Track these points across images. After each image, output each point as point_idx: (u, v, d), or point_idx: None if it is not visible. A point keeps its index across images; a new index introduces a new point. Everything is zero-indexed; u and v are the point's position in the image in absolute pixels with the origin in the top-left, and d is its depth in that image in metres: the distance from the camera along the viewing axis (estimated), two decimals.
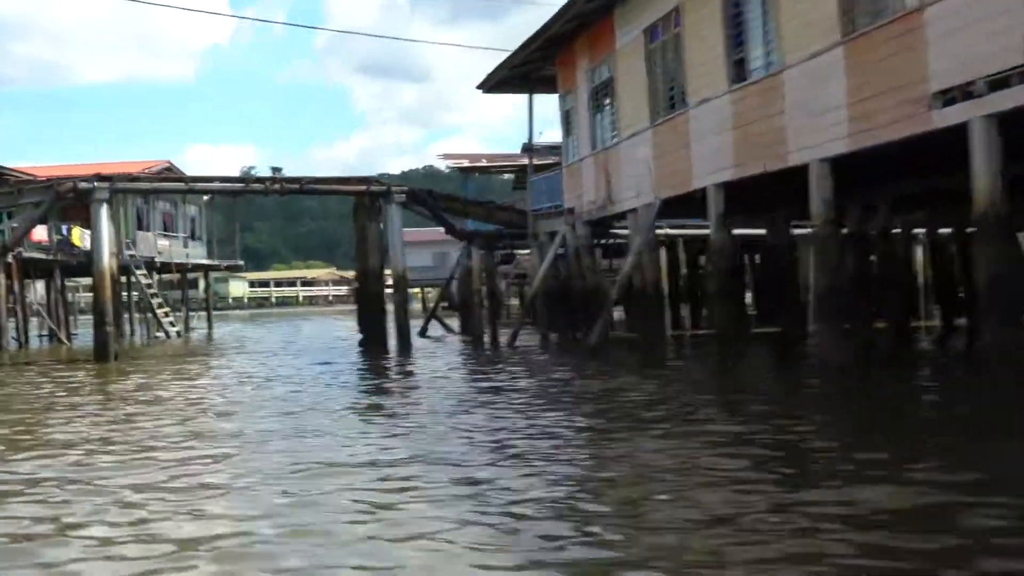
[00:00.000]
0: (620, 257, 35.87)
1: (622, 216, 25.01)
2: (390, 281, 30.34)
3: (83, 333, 47.70)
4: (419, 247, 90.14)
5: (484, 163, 38.96)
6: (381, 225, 30.00)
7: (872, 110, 14.50)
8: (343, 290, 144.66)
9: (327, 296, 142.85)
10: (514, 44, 27.11)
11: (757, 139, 17.53)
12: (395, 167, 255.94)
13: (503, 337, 30.95)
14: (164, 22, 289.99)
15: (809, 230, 33.74)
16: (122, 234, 43.55)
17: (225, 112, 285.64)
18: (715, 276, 19.61)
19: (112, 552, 6.86)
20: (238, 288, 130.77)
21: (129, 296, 48.88)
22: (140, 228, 46.39)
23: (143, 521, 7.67)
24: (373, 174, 30.86)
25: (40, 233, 38.10)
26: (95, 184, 26.73)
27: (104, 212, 26.96)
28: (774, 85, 16.99)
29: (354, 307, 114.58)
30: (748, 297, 33.93)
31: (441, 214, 30.13)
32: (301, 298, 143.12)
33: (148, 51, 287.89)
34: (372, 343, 29.73)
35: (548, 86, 30.94)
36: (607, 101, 24.84)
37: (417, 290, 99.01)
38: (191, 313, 52.83)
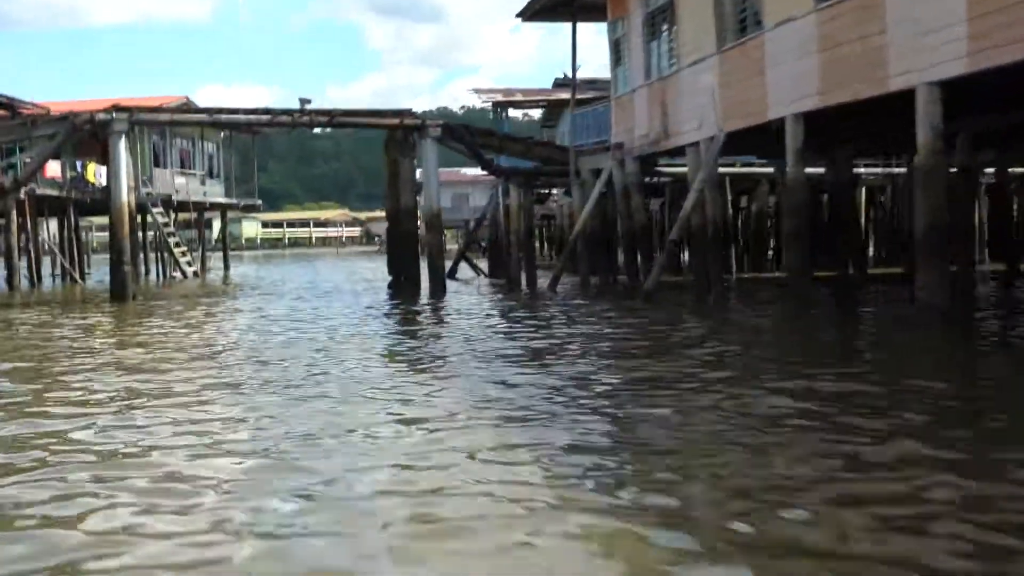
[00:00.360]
0: (658, 197, 34.28)
1: (678, 151, 23.38)
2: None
3: (96, 273, 46.44)
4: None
5: (520, 97, 37.10)
6: (415, 161, 28.39)
7: (997, 24, 12.80)
8: (356, 231, 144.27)
9: (340, 237, 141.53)
10: None
11: (849, 62, 15.83)
12: (413, 107, 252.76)
13: (541, 280, 29.46)
14: None
15: (864, 170, 32.35)
16: (138, 171, 42.06)
17: (239, 53, 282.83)
18: (791, 216, 17.96)
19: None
20: (251, 228, 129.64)
21: (144, 235, 47.47)
22: (157, 165, 44.85)
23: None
24: None
25: (54, 169, 36.57)
26: (114, 116, 25.10)
27: (123, 145, 25.35)
28: (873, 1, 15.26)
29: (368, 248, 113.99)
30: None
31: (478, 150, 28.45)
32: (314, 239, 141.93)
33: None
34: (404, 285, 28.24)
35: (592, 14, 29.19)
36: (665, 27, 23.08)
37: None
38: (207, 253, 51.34)
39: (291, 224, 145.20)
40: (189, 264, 42.53)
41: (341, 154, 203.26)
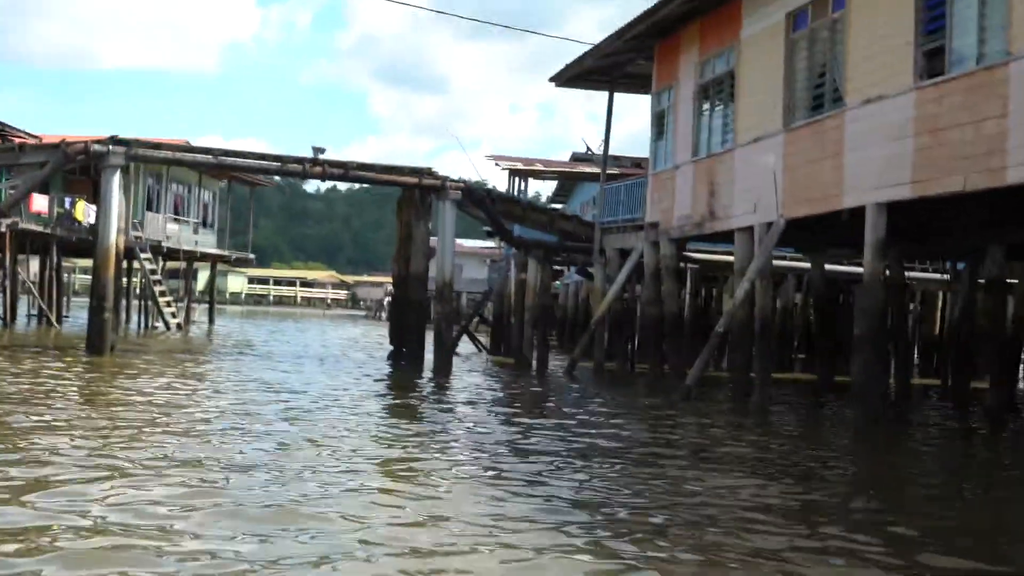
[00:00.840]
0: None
1: (720, 236, 21.43)
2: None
3: (75, 316, 44.12)
4: None
5: (540, 167, 35.14)
6: (429, 224, 26.35)
7: None
8: (342, 294, 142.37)
9: (326, 299, 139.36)
10: (540, 64, 23.59)
11: (955, 148, 13.87)
12: None
13: (553, 362, 27.35)
14: (192, 12, 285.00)
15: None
16: (130, 213, 39.91)
17: (243, 107, 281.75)
18: (866, 318, 15.88)
19: None
20: (237, 283, 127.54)
21: (129, 280, 45.20)
22: (149, 209, 42.68)
23: None
24: None
25: (40, 204, 34.45)
26: (110, 148, 22.97)
27: (117, 181, 23.17)
28: (990, 81, 13.35)
29: (354, 312, 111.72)
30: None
31: (498, 217, 26.45)
32: (299, 299, 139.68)
33: (174, 41, 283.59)
34: (407, 357, 26.06)
35: (631, 84, 27.52)
36: (720, 99, 21.22)
37: None
38: (192, 305, 49.03)
39: (277, 281, 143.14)
40: (173, 315, 40.25)
41: (332, 216, 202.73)
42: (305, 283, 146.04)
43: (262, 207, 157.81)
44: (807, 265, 24.90)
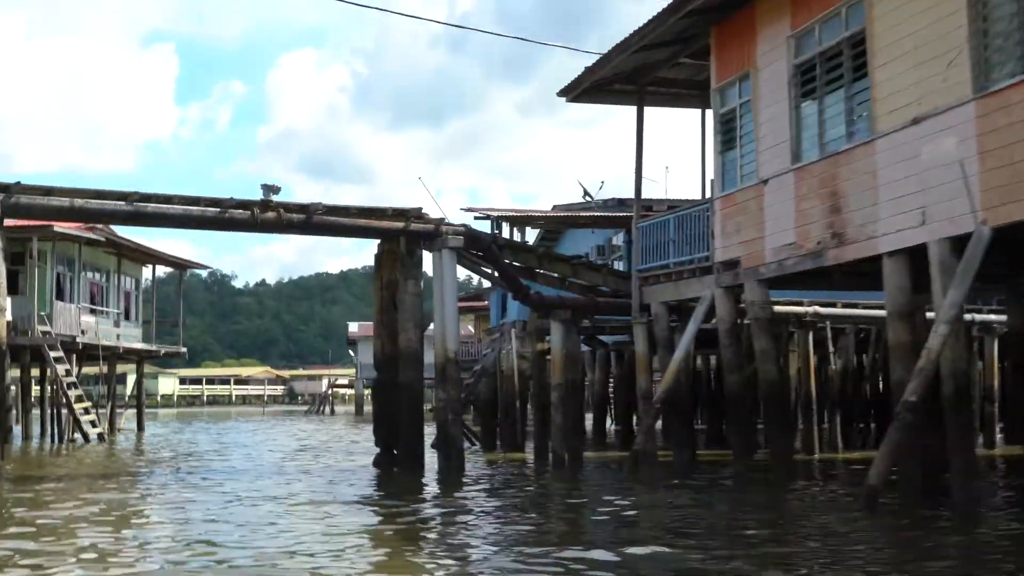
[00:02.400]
0: (710, 348, 25.95)
1: (852, 269, 15.49)
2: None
3: None
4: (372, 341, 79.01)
5: (529, 215, 28.46)
6: (420, 282, 20.08)
7: None
8: (279, 390, 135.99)
9: (262, 396, 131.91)
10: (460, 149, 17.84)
11: None
12: (334, 267, 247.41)
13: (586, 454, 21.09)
14: (107, 114, 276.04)
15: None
16: (34, 304, 33.16)
17: None
18: None
19: None
20: (168, 385, 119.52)
21: (43, 385, 38.04)
22: (60, 299, 35.84)
23: None
24: (310, 273, 21.00)
25: None
26: None
27: None
28: None
29: (294, 408, 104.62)
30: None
31: (508, 269, 20.29)
32: (234, 397, 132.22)
33: (90, 143, 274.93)
34: (401, 462, 19.71)
35: (665, 94, 21.89)
36: (836, 78, 15.28)
37: (368, 390, 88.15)
38: (117, 410, 41.92)
39: (210, 381, 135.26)
40: (93, 424, 33.33)
41: (263, 311, 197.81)
42: (239, 380, 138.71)
43: (190, 306, 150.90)
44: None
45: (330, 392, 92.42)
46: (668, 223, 20.04)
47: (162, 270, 47.21)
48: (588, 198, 30.05)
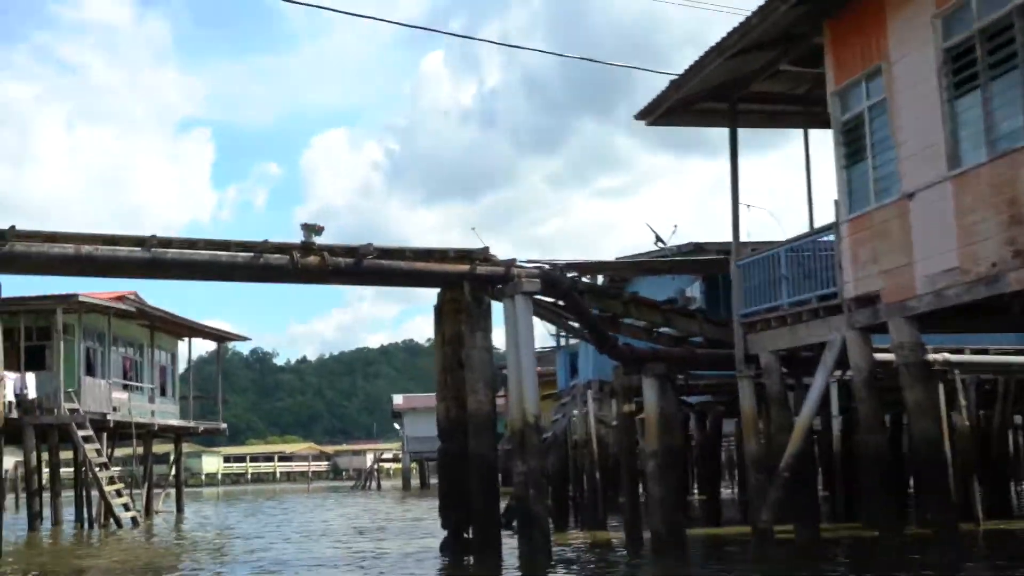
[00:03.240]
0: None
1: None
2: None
3: None
4: (419, 414, 76.18)
5: (597, 263, 25.56)
6: (490, 334, 17.20)
7: None
8: (323, 466, 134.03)
9: (307, 472, 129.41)
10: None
11: None
12: (374, 342, 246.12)
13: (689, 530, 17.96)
14: (148, 199, 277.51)
15: None
16: (60, 380, 30.64)
17: (200, 290, 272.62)
18: None
19: None
20: (212, 463, 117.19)
21: (76, 466, 35.16)
22: (90, 374, 33.33)
23: None
24: (351, 348, 18.15)
25: None
26: None
27: None
28: None
29: (339, 484, 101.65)
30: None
31: (592, 317, 17.39)
32: (279, 474, 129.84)
33: (132, 228, 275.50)
34: (474, 546, 16.75)
35: (760, 112, 19.21)
36: (1001, 62, 12.39)
37: (415, 464, 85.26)
38: (156, 491, 39.13)
39: (254, 458, 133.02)
40: (127, 507, 30.65)
41: (304, 388, 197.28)
42: (283, 457, 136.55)
43: (231, 384, 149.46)
44: None
45: (375, 467, 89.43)
46: (779, 257, 17.08)
47: (203, 348, 44.85)
48: (660, 243, 27.18)
